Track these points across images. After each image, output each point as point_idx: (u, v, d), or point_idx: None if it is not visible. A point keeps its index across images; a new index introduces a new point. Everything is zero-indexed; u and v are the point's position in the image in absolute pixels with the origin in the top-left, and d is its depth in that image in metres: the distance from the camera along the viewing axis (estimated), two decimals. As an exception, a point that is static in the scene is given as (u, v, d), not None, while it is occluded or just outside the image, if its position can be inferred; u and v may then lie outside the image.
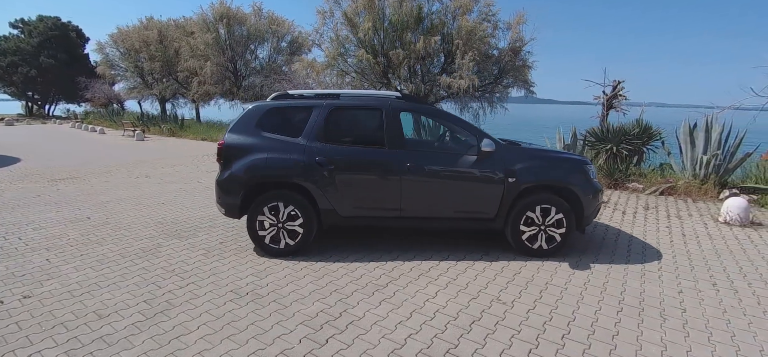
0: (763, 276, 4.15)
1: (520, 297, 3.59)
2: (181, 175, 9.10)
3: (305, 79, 15.77)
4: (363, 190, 4.34)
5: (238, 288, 3.68)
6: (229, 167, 4.36)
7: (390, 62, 12.00)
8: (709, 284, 3.95)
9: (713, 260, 4.55)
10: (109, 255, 4.44)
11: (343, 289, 3.69)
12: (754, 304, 3.58)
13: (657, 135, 8.54)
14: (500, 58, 12.70)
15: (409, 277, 3.94)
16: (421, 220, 4.45)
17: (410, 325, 3.11)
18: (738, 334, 3.10)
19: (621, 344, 2.93)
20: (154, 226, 5.44)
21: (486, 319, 3.21)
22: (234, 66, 17.99)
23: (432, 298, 3.53)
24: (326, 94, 4.59)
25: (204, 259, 4.35)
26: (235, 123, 4.46)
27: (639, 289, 3.81)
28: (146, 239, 4.94)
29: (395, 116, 4.42)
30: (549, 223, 4.41)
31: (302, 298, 3.51)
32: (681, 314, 3.37)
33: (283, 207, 4.27)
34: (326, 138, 4.37)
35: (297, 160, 4.29)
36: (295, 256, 4.38)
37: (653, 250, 4.85)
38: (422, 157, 4.40)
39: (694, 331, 3.13)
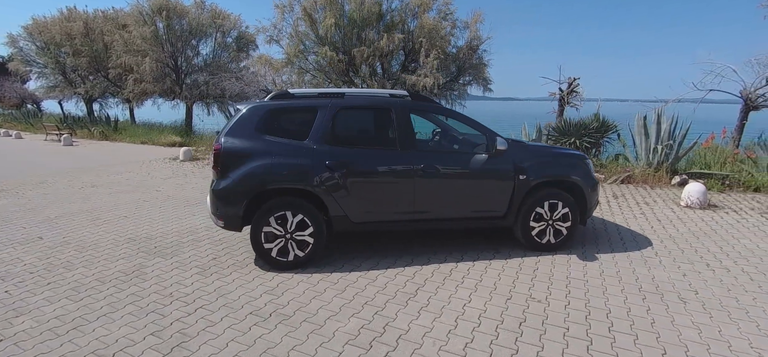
0: (741, 254, 4.55)
1: (550, 293, 3.60)
2: (133, 184, 8.18)
3: (260, 77, 14.99)
4: (376, 194, 4.13)
5: (257, 309, 3.32)
6: (228, 175, 3.92)
7: (352, 59, 11.73)
8: (704, 265, 4.25)
9: (695, 242, 4.92)
10: (84, 281, 3.82)
11: (373, 300, 3.47)
12: (748, 280, 3.90)
13: (613, 128, 9.16)
14: (457, 56, 12.94)
15: (434, 282, 3.81)
16: (434, 222, 4.33)
17: (461, 333, 2.98)
18: (750, 310, 3.35)
19: (662, 331, 3.03)
20: (125, 244, 4.79)
21: (532, 320, 3.17)
22: (175, 62, 16.59)
23: (468, 303, 3.43)
24: (330, 93, 4.30)
25: (202, 278, 3.89)
26: (232, 126, 4.03)
27: (649, 275, 4.00)
28: (123, 259, 4.33)
29: (406, 116, 4.24)
30: (556, 218, 4.50)
31: (334, 315, 3.24)
32: (695, 296, 3.58)
33: (292, 216, 3.93)
34: (334, 140, 4.09)
35: (305, 165, 3.97)
36: (305, 269, 4.06)
37: (641, 236, 5.15)
38: (435, 158, 4.28)
39: (715, 311, 3.33)
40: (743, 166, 8.01)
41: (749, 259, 4.43)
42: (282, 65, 12.10)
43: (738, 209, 6.36)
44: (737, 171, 7.91)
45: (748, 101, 8.75)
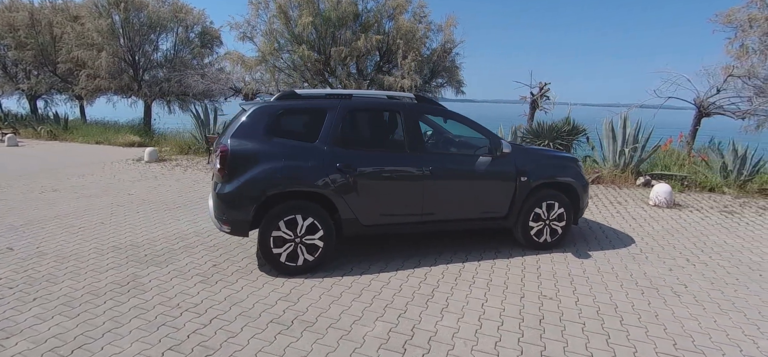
0: (713, 249, 4.97)
1: (558, 290, 3.76)
2: (100, 187, 7.63)
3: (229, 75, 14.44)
4: (386, 196, 4.12)
5: (277, 317, 3.21)
6: (236, 178, 3.77)
7: (329, 59, 11.61)
8: (684, 260, 4.60)
9: (671, 239, 5.31)
10: (75, 295, 3.53)
11: (393, 303, 3.47)
12: (725, 274, 4.27)
13: (582, 131, 9.68)
14: (431, 58, 13.15)
15: (447, 283, 3.86)
16: (440, 224, 4.38)
17: (488, 333, 3.05)
18: (736, 301, 3.67)
19: (667, 323, 3.25)
20: (111, 253, 4.47)
21: (550, 317, 3.29)
22: (133, 58, 15.62)
23: (486, 302, 3.51)
24: (337, 94, 4.24)
25: (207, 287, 3.71)
26: (238, 127, 3.87)
27: (640, 270, 4.28)
28: (113, 270, 4.04)
29: (414, 118, 4.28)
30: (553, 218, 4.70)
31: (358, 319, 3.20)
32: (686, 290, 3.87)
33: (302, 219, 3.84)
34: (344, 142, 4.04)
35: (317, 167, 3.89)
36: (314, 273, 3.98)
37: (623, 234, 5.48)
38: (443, 160, 4.34)
39: (706, 303, 3.61)
40: (699, 168, 8.73)
41: (721, 254, 4.84)
42: (255, 63, 11.72)
43: (699, 208, 6.93)
44: (694, 172, 8.61)
45: (700, 108, 9.56)
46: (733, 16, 9.68)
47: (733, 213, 6.62)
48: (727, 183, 8.19)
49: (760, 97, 8.79)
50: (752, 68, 9.59)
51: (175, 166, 10.03)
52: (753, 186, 8.03)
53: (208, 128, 12.36)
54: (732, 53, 10.22)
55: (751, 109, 9.06)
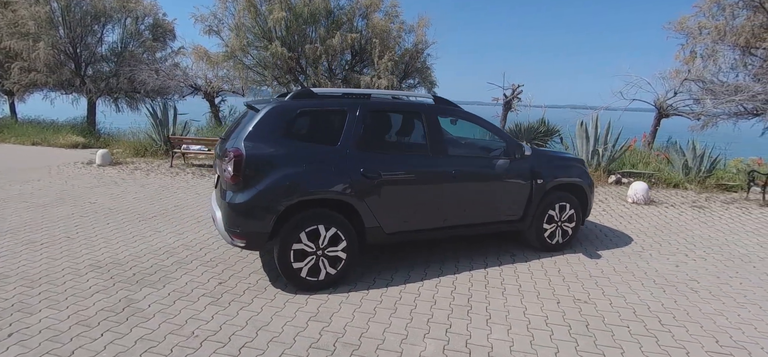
0: (700, 243, 5.24)
1: (588, 293, 3.74)
2: (53, 194, 6.71)
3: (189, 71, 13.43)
4: (409, 202, 3.90)
5: (315, 341, 2.89)
6: (252, 185, 3.37)
7: (300, 57, 11.13)
8: (683, 256, 4.80)
9: (661, 235, 5.55)
10: (60, 326, 2.99)
11: (434, 317, 3.26)
12: (724, 267, 4.49)
13: (556, 131, 10.01)
14: (403, 58, 13.06)
15: (478, 291, 3.72)
16: (460, 229, 4.23)
17: (544, 343, 2.93)
18: (746, 294, 3.84)
19: (700, 320, 3.32)
20: (91, 273, 3.87)
21: (594, 322, 3.24)
22: (74, 50, 14.09)
23: (526, 310, 3.40)
24: (355, 94, 3.95)
25: (220, 309, 3.29)
26: (253, 129, 3.46)
27: (650, 268, 4.39)
28: (99, 293, 3.48)
29: (436, 120, 4.09)
30: (564, 219, 4.72)
31: (405, 338, 2.96)
32: (699, 285, 4.01)
33: (325, 230, 3.52)
34: (366, 145, 3.77)
35: (340, 173, 3.59)
36: (335, 288, 3.67)
37: (618, 232, 5.65)
38: (465, 163, 4.19)
39: (724, 297, 3.75)
40: (662, 166, 9.31)
41: (711, 248, 5.11)
42: (222, 59, 10.95)
43: (672, 204, 7.35)
44: (658, 170, 9.17)
45: (660, 110, 10.23)
46: (684, 24, 10.45)
47: (703, 208, 7.08)
48: (688, 179, 8.79)
49: (710, 99, 9.56)
50: (698, 72, 10.42)
51: (134, 170, 9.12)
52: (711, 181, 8.68)
53: (167, 128, 11.43)
54: (680, 58, 11.07)
55: (703, 110, 9.83)
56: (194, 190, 7.41)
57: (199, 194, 7.07)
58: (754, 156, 10.71)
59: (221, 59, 10.93)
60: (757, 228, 6.00)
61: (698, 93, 9.97)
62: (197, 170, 9.27)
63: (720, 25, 9.38)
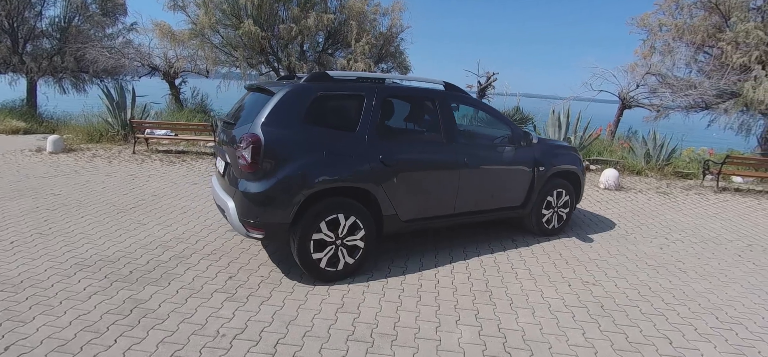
0: (674, 227, 5.67)
1: (593, 276, 3.93)
2: (8, 187, 6.01)
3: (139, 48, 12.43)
4: (425, 189, 3.88)
5: (351, 333, 2.82)
6: (272, 173, 3.20)
7: (274, 37, 10.68)
8: (663, 239, 5.17)
9: (638, 219, 5.94)
10: (66, 335, 2.70)
11: (460, 303, 3.29)
12: (701, 249, 4.89)
13: (530, 119, 10.36)
14: (377, 41, 12.93)
15: (493, 276, 3.79)
16: (468, 216, 4.28)
17: (569, 325, 3.05)
18: (727, 273, 4.21)
19: (698, 299, 3.59)
20: (80, 272, 3.53)
21: (607, 303, 3.42)
22: (11, 25, 12.60)
23: (543, 294, 3.52)
24: (370, 78, 3.84)
25: (239, 305, 3.12)
26: (269, 113, 3.26)
27: (638, 250, 4.69)
28: (98, 294, 3.18)
29: (448, 107, 4.08)
30: (560, 205, 4.92)
31: (440, 326, 2.96)
32: (684, 266, 4.33)
33: (344, 219, 3.43)
34: (383, 132, 3.69)
35: (360, 159, 3.50)
36: (353, 278, 3.60)
37: (600, 217, 5.98)
38: (476, 150, 4.22)
39: (709, 277, 4.08)
40: (625, 155, 9.94)
41: (684, 231, 5.54)
42: (188, 37, 10.22)
43: (639, 190, 7.88)
44: (622, 158, 9.78)
45: (623, 101, 10.87)
46: (646, 20, 11.13)
47: (667, 194, 7.65)
48: (649, 167, 9.46)
49: (669, 92, 10.30)
50: (655, 67, 11.17)
51: (92, 158, 8.39)
52: (669, 169, 9.39)
53: (125, 111, 10.60)
54: (638, 53, 11.80)
55: (662, 102, 10.57)
56: (167, 178, 6.95)
57: (174, 182, 6.64)
58: (703, 146, 11.71)
59: (187, 37, 10.21)
60: (718, 212, 6.58)
61: (656, 86, 10.70)
62: (164, 157, 8.69)
63: (679, 23, 10.10)
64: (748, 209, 6.88)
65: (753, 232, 5.66)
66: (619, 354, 2.75)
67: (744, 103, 9.56)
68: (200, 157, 8.78)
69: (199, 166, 7.93)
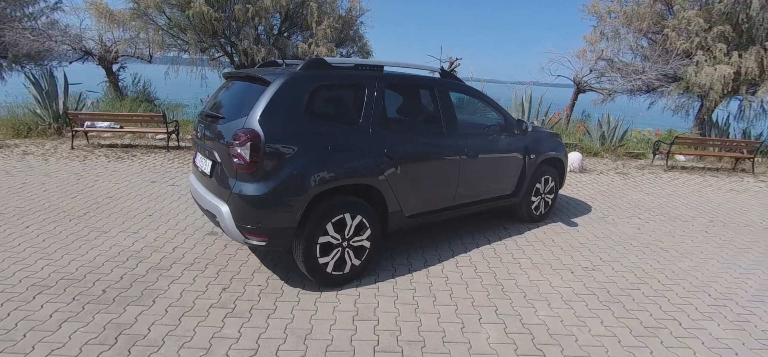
0: (642, 207, 6.00)
1: (590, 261, 4.02)
2: None
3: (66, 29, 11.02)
4: (427, 182, 3.72)
5: (376, 343, 2.63)
6: (274, 172, 2.88)
7: (229, 19, 9.90)
8: (637, 219, 5.43)
9: (610, 201, 6.22)
10: None
11: (476, 300, 3.19)
12: (673, 228, 5.19)
13: (493, 106, 10.51)
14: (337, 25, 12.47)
15: (498, 267, 3.75)
16: (466, 207, 4.19)
17: (585, 314, 3.06)
18: (703, 250, 4.49)
19: (687, 276, 3.78)
20: (41, 295, 3.00)
21: (612, 288, 3.49)
22: None
23: (551, 283, 3.52)
24: (368, 65, 3.57)
25: (245, 321, 2.81)
26: (267, 104, 2.91)
27: (619, 232, 4.88)
28: (70, 322, 2.72)
29: (447, 95, 3.93)
30: (546, 191, 4.99)
31: (464, 327, 2.84)
32: (664, 245, 4.57)
33: (351, 219, 3.19)
34: (386, 123, 3.47)
35: (366, 154, 3.26)
36: (360, 281, 3.39)
37: (575, 200, 6.19)
38: (473, 140, 4.12)
39: (689, 254, 4.33)
40: (583, 137, 10.42)
41: (651, 210, 5.87)
42: (129, 17, 9.13)
43: (600, 171, 8.29)
44: (581, 141, 10.25)
45: (578, 85, 11.36)
46: (596, 7, 11.66)
47: (625, 174, 8.12)
48: (604, 148, 10.00)
49: (620, 77, 10.91)
50: (602, 52, 11.78)
51: (24, 155, 7.35)
52: (622, 150, 9.99)
53: (57, 101, 9.42)
54: (586, 38, 12.37)
55: (612, 86, 11.19)
56: (120, 176, 6.23)
57: (129, 181, 5.97)
58: (644, 126, 12.57)
59: (128, 18, 9.14)
60: (674, 190, 7.07)
61: (606, 70, 11.30)
62: (109, 152, 7.81)
63: (627, 10, 10.68)
64: (697, 186, 7.46)
65: (709, 208, 6.13)
66: (640, 340, 2.80)
67: (686, 86, 10.34)
68: (151, 151, 8.00)
69: (153, 161, 7.21)
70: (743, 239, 4.88)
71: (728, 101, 11.53)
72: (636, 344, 2.76)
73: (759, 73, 9.44)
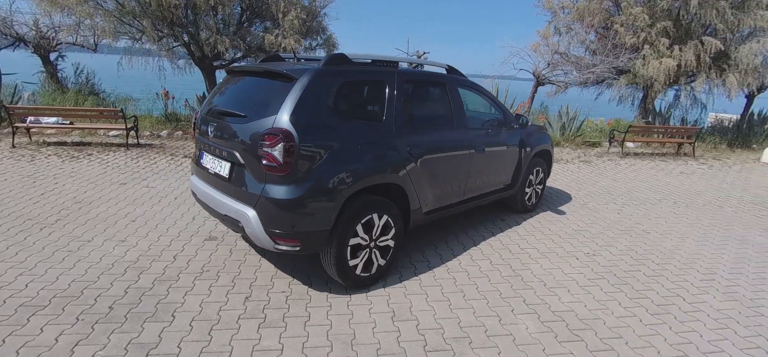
0: (611, 193, 6.45)
1: (588, 246, 4.26)
2: None
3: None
4: (443, 177, 3.74)
5: (426, 344, 2.61)
6: (309, 173, 2.74)
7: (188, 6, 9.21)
8: (613, 205, 5.83)
9: (583, 188, 6.63)
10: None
11: (503, 292, 3.28)
12: (647, 210, 5.64)
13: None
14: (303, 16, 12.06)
15: (510, 259, 3.87)
16: (473, 201, 4.26)
17: (602, 299, 3.25)
18: (679, 230, 4.92)
19: (675, 255, 4.13)
20: (37, 317, 2.66)
21: (618, 272, 3.73)
22: None
23: (562, 271, 3.69)
24: (384, 61, 3.49)
25: (280, 330, 2.68)
26: (297, 102, 2.75)
27: (602, 218, 5.22)
28: (84, 344, 2.44)
29: (457, 91, 3.95)
30: (537, 182, 5.21)
31: (501, 319, 2.91)
32: (645, 228, 4.95)
33: (378, 218, 3.13)
34: (406, 120, 3.42)
35: (392, 152, 3.20)
36: (386, 281, 3.35)
37: (554, 189, 6.51)
38: (480, 134, 4.18)
39: (669, 235, 4.73)
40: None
41: (622, 195, 6.33)
42: (74, 1, 8.13)
43: (566, 160, 8.78)
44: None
45: (538, 79, 11.90)
46: (550, 3, 12.23)
47: (588, 162, 8.66)
48: (564, 138, 10.59)
49: (575, 70, 11.57)
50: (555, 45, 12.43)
51: (-45, 157, 6.42)
52: (580, 139, 10.64)
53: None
54: (539, 33, 12.98)
55: (568, 79, 11.85)
56: (81, 177, 5.64)
57: (94, 183, 5.42)
58: (591, 116, 13.42)
59: (74, 1, 8.17)
60: (635, 175, 7.66)
61: (561, 62, 11.93)
62: (59, 150, 7.05)
63: (580, 6, 11.32)
64: (652, 171, 8.14)
65: (670, 190, 6.72)
66: (657, 318, 3.03)
67: (633, 78, 11.19)
68: (108, 149, 7.32)
69: (114, 161, 6.60)
70: (706, 218, 5.41)
71: (666, 91, 12.65)
72: (655, 322, 2.98)
73: (696, 65, 10.44)
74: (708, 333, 2.89)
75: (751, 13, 9.94)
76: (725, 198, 6.47)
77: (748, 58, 10.02)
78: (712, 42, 10.16)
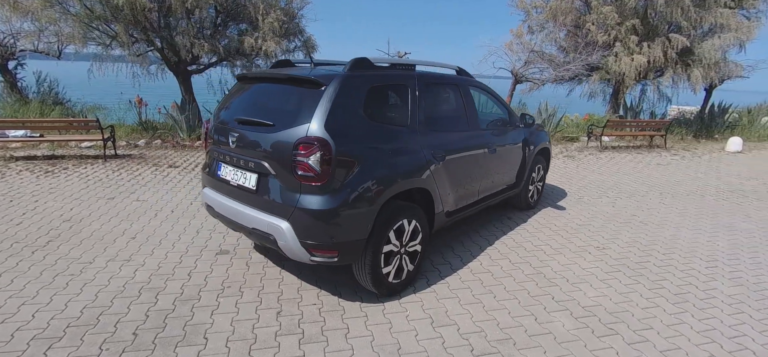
0: (605, 186, 6.71)
1: (597, 240, 4.40)
2: None
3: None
4: (462, 179, 3.75)
5: (473, 350, 2.61)
6: (346, 182, 2.67)
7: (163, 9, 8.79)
8: (606, 198, 6.06)
9: (575, 183, 6.85)
10: None
11: (531, 290, 3.32)
12: (640, 203, 5.89)
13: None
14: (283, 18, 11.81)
15: (528, 256, 3.93)
16: (485, 200, 4.30)
17: (622, 291, 3.36)
18: (674, 220, 5.16)
19: (678, 245, 4.33)
20: (54, 350, 2.46)
21: (630, 263, 3.86)
22: None
23: (580, 266, 3.78)
24: (403, 64, 3.46)
25: (323, 345, 2.61)
26: (330, 110, 2.66)
27: (601, 211, 5.41)
28: (117, 378, 2.27)
29: (470, 92, 3.98)
30: (537, 179, 5.34)
31: (537, 319, 2.94)
32: (641, 219, 5.17)
33: (408, 224, 3.10)
34: (429, 123, 3.41)
35: (419, 157, 3.18)
36: (415, 287, 3.32)
37: (548, 186, 6.69)
38: (491, 135, 4.23)
39: (666, 225, 4.95)
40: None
41: (612, 188, 6.59)
42: (40, 5, 7.53)
43: (553, 155, 8.98)
44: (524, 127, 11.04)
45: (516, 76, 12.19)
46: (523, 3, 12.58)
47: (572, 157, 8.96)
48: (545, 134, 10.88)
49: (550, 68, 11.94)
50: (529, 44, 12.79)
51: None
52: (559, 135, 10.99)
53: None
54: (513, 32, 13.32)
55: (544, 77, 12.21)
56: (63, 193, 5.28)
57: (79, 200, 5.09)
58: (575, 113, 13.89)
59: (38, 5, 7.59)
60: (618, 169, 7.99)
61: (536, 59, 12.29)
62: (31, 165, 6.57)
63: (553, 6, 11.69)
64: (631, 164, 8.51)
65: (652, 182, 7.05)
66: (678, 307, 3.16)
67: (605, 75, 11.67)
68: (84, 161, 6.90)
69: (94, 174, 6.22)
70: (693, 207, 5.72)
71: (633, 86, 13.28)
72: (677, 311, 3.11)
73: (664, 61, 11.02)
74: (727, 319, 3.05)
75: (712, 11, 10.59)
76: (704, 187, 6.86)
77: (711, 54, 10.68)
78: (678, 39, 10.75)
